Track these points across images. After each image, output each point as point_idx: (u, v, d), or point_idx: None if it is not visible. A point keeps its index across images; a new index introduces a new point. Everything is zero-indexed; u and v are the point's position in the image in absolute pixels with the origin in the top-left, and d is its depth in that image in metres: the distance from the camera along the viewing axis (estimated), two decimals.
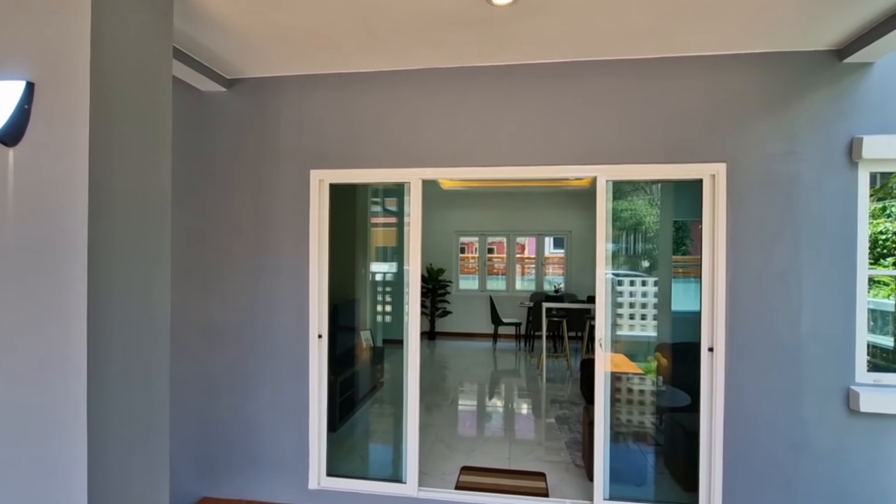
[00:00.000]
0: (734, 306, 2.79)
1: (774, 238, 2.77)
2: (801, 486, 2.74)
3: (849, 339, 2.72)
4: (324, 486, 3.15)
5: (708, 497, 2.82)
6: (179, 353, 3.22)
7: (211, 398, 3.24)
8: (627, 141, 2.88)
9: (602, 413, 2.97)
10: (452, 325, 9.26)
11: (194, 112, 3.25)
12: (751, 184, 2.78)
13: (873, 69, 2.68)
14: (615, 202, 3.08)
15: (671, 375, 3.64)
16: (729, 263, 2.79)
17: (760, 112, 2.78)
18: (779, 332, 2.76)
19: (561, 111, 2.94)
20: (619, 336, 3.57)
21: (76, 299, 1.62)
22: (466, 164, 3.03)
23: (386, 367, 5.02)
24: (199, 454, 3.25)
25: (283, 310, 3.18)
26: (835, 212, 2.73)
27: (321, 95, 3.15)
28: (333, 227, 3.26)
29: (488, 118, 3.00)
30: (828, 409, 2.73)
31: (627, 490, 3.08)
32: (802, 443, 2.74)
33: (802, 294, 2.74)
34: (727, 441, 2.79)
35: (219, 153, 3.24)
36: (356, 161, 3.12)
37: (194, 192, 3.25)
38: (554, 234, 9.47)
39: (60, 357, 1.63)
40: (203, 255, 3.25)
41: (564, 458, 3.80)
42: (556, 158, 2.95)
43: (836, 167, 2.73)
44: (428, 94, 3.05)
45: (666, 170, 2.86)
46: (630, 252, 3.84)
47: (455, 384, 6.18)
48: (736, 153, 2.79)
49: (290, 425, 3.16)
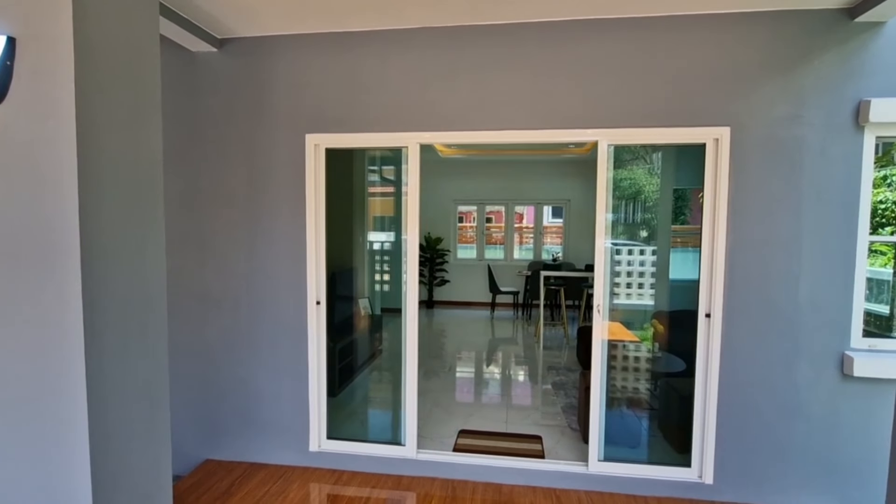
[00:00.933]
0: (733, 272, 2.79)
1: (776, 204, 2.74)
2: (793, 449, 2.79)
3: (846, 306, 2.73)
4: (324, 448, 3.21)
5: (700, 458, 2.89)
6: (177, 320, 3.23)
7: (211, 364, 3.26)
8: (630, 104, 2.82)
9: (598, 378, 3.00)
10: (450, 294, 9.30)
11: (184, 74, 3.16)
12: (754, 148, 2.73)
13: (885, 29, 2.60)
14: (615, 171, 3.04)
15: (667, 342, 3.67)
16: (729, 229, 2.77)
17: (767, 73, 2.70)
18: (776, 298, 2.76)
19: (561, 73, 2.86)
20: (616, 304, 3.58)
21: (70, 264, 1.60)
22: (465, 128, 2.96)
23: (384, 335, 5.07)
24: (201, 418, 3.29)
25: (281, 277, 3.16)
26: (838, 177, 2.69)
27: (315, 56, 3.05)
28: (330, 195, 3.21)
29: (487, 80, 2.92)
30: (822, 374, 2.76)
31: (621, 452, 3.14)
32: (796, 407, 2.78)
33: (802, 260, 2.73)
34: (721, 405, 2.84)
35: (211, 117, 3.16)
36: (352, 125, 3.05)
37: (187, 157, 3.19)
38: (553, 202, 9.42)
39: (57, 323, 1.62)
40: (198, 222, 3.21)
41: (560, 423, 3.87)
42: (557, 122, 2.89)
43: (842, 131, 2.67)
44: (425, 55, 2.96)
45: (669, 133, 2.81)
46: (629, 221, 3.82)
47: (453, 352, 6.24)
48: (741, 116, 2.73)
49: (290, 390, 3.19)
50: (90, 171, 1.63)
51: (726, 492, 2.85)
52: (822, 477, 2.78)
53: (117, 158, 1.76)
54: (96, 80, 1.66)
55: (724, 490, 2.85)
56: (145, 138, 1.90)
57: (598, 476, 2.97)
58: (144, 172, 1.89)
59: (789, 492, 2.80)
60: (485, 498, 2.87)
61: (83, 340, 1.60)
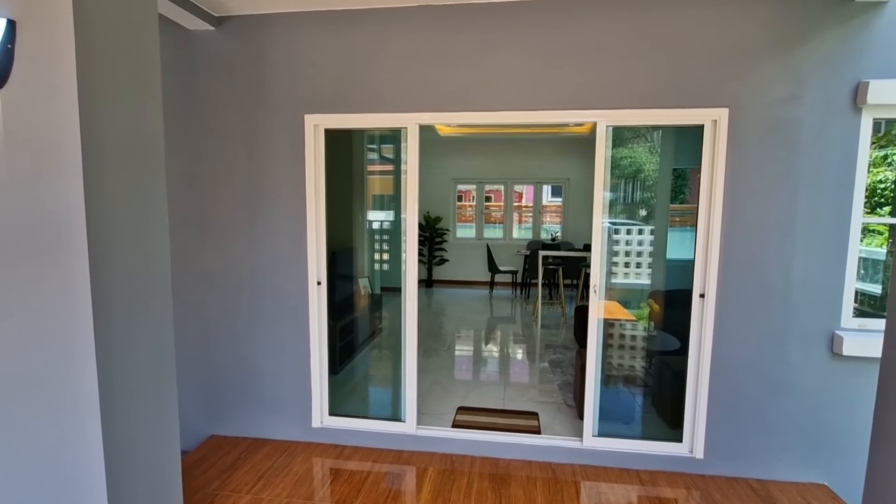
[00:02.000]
0: (728, 253, 2.83)
1: (773, 185, 2.76)
2: (782, 425, 2.88)
3: (837, 286, 2.78)
4: (326, 424, 3.30)
5: (692, 434, 2.97)
6: (180, 299, 3.27)
7: (213, 343, 3.32)
8: (629, 85, 2.81)
9: (594, 356, 3.07)
10: (449, 273, 9.37)
11: (182, 52, 3.14)
12: (752, 129, 2.74)
13: (887, 9, 2.58)
14: (615, 150, 3.05)
15: (663, 321, 3.73)
16: (726, 210, 2.80)
17: (767, 54, 2.70)
18: (770, 278, 2.81)
19: (560, 53, 2.85)
20: (613, 284, 3.63)
21: (77, 246, 1.63)
22: (464, 108, 2.96)
23: (385, 314, 5.13)
24: (207, 396, 3.37)
25: (282, 256, 3.20)
26: (835, 158, 2.71)
27: (314, 34, 3.03)
28: (330, 175, 3.22)
29: (486, 60, 2.91)
30: (812, 352, 2.82)
31: (615, 427, 3.23)
32: (785, 385, 2.86)
33: (796, 241, 2.77)
34: (713, 382, 2.91)
35: (209, 96, 3.15)
36: (351, 105, 3.05)
37: (187, 137, 3.19)
38: (552, 181, 9.41)
39: (65, 302, 1.66)
40: (199, 202, 3.23)
41: (557, 399, 3.96)
42: (557, 103, 2.89)
43: (840, 112, 2.68)
44: (424, 34, 2.94)
45: (668, 115, 2.81)
46: (628, 200, 3.84)
47: (452, 330, 6.33)
48: (740, 98, 2.74)
49: (293, 368, 3.26)
50: (94, 151, 1.65)
51: (716, 466, 2.94)
52: (808, 451, 2.87)
53: (120, 138, 1.78)
54: (97, 60, 1.67)
55: (714, 464, 2.95)
56: (147, 118, 1.91)
57: (592, 451, 3.06)
58: (147, 152, 1.91)
59: (777, 466, 2.90)
60: (482, 471, 2.97)
61: (91, 320, 1.65)
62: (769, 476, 2.91)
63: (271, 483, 2.82)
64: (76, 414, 1.69)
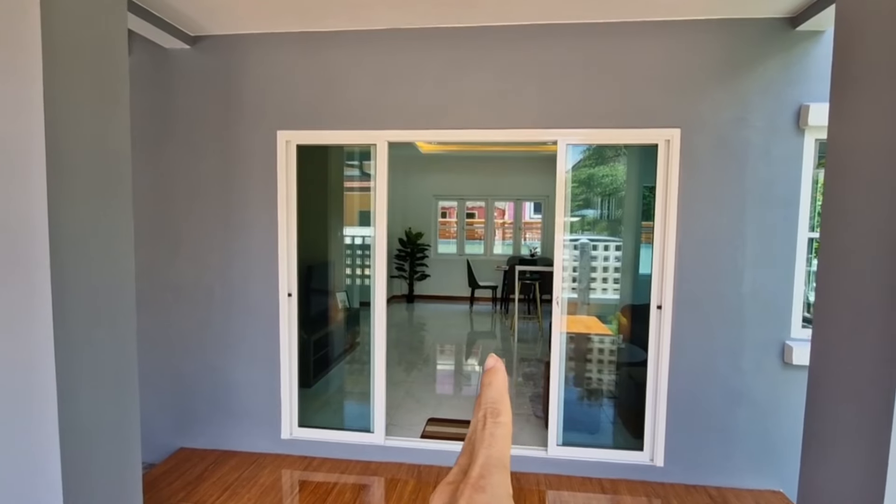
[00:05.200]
0: (682, 266, 2.95)
1: (723, 201, 2.90)
2: (738, 433, 2.97)
3: (787, 298, 2.91)
4: (296, 436, 3.32)
5: (652, 442, 3.05)
6: (151, 311, 3.31)
7: (185, 354, 3.34)
8: (587, 105, 2.96)
9: (557, 368, 3.15)
10: (431, 289, 9.43)
11: (158, 70, 3.22)
12: (703, 149, 2.89)
13: (824, 37, 2.76)
14: (596, 168, 3.19)
15: (631, 334, 3.83)
16: (679, 225, 2.93)
17: (715, 78, 2.86)
18: (723, 290, 2.93)
19: (522, 74, 2.98)
20: (589, 299, 3.74)
21: (39, 257, 1.68)
22: (431, 126, 3.08)
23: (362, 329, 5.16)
24: (175, 408, 3.38)
25: (254, 269, 3.25)
26: (781, 177, 2.86)
27: (287, 55, 3.14)
28: (307, 189, 3.30)
29: (451, 81, 3.04)
30: (764, 362, 2.94)
31: (581, 437, 3.30)
32: (740, 393, 2.96)
33: (746, 254, 2.90)
34: (671, 391, 3.00)
35: (185, 112, 3.23)
36: (323, 122, 3.15)
37: (161, 152, 3.26)
38: (532, 198, 9.57)
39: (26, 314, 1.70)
40: (172, 216, 3.29)
41: (527, 411, 4.02)
42: (519, 122, 3.02)
43: (784, 134, 2.84)
44: (393, 56, 3.06)
45: (623, 135, 2.96)
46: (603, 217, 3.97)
47: (430, 345, 6.37)
48: (690, 119, 2.89)
49: (263, 380, 3.29)
50: (59, 166, 1.72)
51: (676, 473, 3.02)
52: (763, 459, 2.96)
53: (85, 154, 1.84)
54: (64, 78, 1.74)
55: (673, 472, 3.02)
56: (114, 134, 1.98)
57: (556, 460, 3.12)
58: (112, 167, 1.98)
59: (734, 473, 2.98)
60: None
61: (52, 330, 1.69)
62: (726, 483, 2.99)
63: (237, 494, 2.84)
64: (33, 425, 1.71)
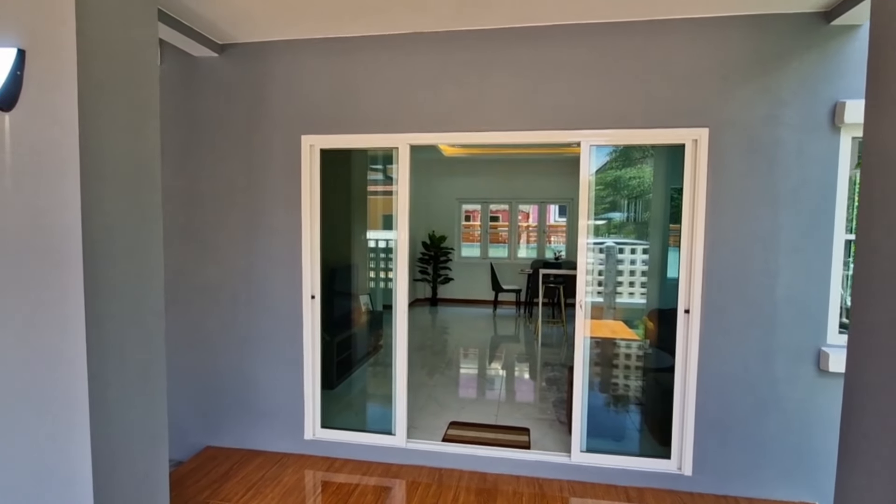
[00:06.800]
0: (711, 270, 2.87)
1: (754, 202, 2.81)
2: (770, 442, 2.87)
3: (822, 302, 2.79)
4: (318, 437, 3.35)
5: (679, 450, 2.97)
6: (178, 312, 3.39)
7: (211, 356, 3.41)
8: (611, 105, 2.91)
9: (581, 373, 3.10)
10: (454, 292, 9.42)
11: (188, 77, 3.32)
12: (733, 148, 2.81)
13: (860, 32, 2.65)
14: (622, 170, 3.13)
15: (658, 339, 3.74)
16: (708, 228, 2.85)
17: (746, 76, 2.78)
18: (754, 294, 2.84)
19: (545, 75, 2.96)
20: (615, 303, 3.68)
21: (73, 259, 1.74)
22: (453, 129, 3.08)
23: (385, 332, 5.19)
24: (202, 407, 3.45)
25: (278, 272, 3.31)
26: (815, 177, 2.76)
27: (311, 60, 3.19)
28: (331, 193, 3.35)
29: (472, 83, 3.03)
30: (798, 369, 2.83)
31: (605, 444, 3.24)
32: (773, 401, 2.85)
33: (780, 258, 2.80)
34: (700, 398, 2.92)
35: (212, 118, 3.31)
36: (345, 127, 3.18)
37: (189, 157, 3.35)
38: (556, 201, 9.48)
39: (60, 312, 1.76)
40: (199, 219, 3.37)
41: (550, 416, 3.97)
42: (541, 123, 2.99)
43: (819, 132, 2.74)
44: (414, 59, 3.08)
45: (649, 135, 2.90)
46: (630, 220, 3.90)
47: (453, 348, 6.36)
48: (719, 118, 2.81)
49: (286, 381, 3.33)
50: (92, 171, 1.78)
51: (704, 483, 2.93)
52: (797, 469, 2.85)
53: (117, 159, 1.91)
54: (98, 87, 1.81)
55: (702, 482, 2.93)
56: (144, 140, 2.04)
57: (579, 466, 3.06)
58: (143, 172, 2.04)
59: (766, 484, 2.88)
60: (469, 485, 2.99)
61: (84, 329, 1.75)
62: (759, 494, 2.89)
63: (261, 493, 2.88)
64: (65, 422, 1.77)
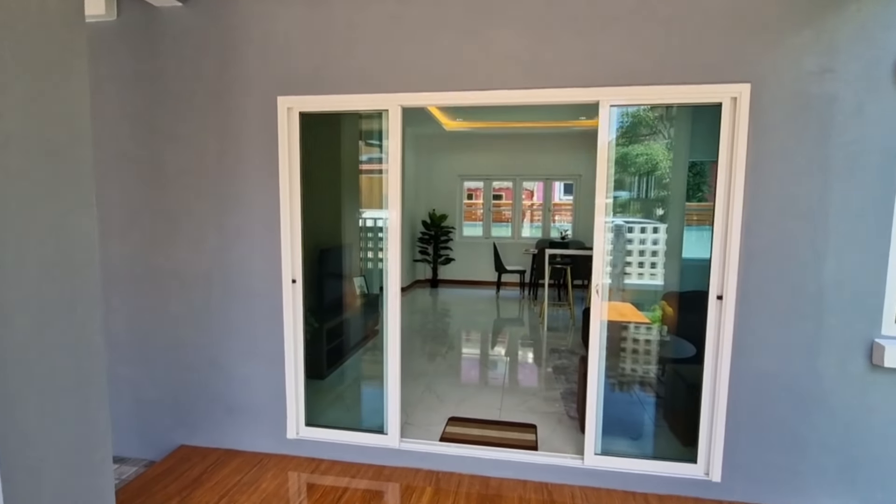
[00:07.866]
0: (749, 249, 2.48)
1: (801, 171, 2.41)
2: (811, 447, 2.52)
3: (878, 288, 2.41)
4: (302, 435, 3.02)
5: (708, 453, 2.63)
6: (147, 298, 3.04)
7: (182, 345, 3.07)
8: (635, 58, 2.49)
9: (597, 365, 2.74)
10: (455, 273, 9.07)
11: (147, 32, 2.89)
12: (778, 108, 2.40)
13: None
14: (629, 147, 2.76)
15: (677, 325, 3.39)
16: (747, 200, 2.46)
17: (795, 21, 2.35)
18: (798, 278, 2.46)
19: (558, 24, 2.53)
20: (624, 284, 3.32)
21: None
22: (451, 87, 2.67)
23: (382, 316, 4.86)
24: (175, 402, 3.12)
25: (255, 253, 2.94)
26: (875, 141, 2.34)
27: (288, 10, 2.76)
28: (317, 167, 2.96)
29: (474, 34, 2.61)
30: (847, 363, 2.46)
31: (621, 444, 2.91)
32: (817, 399, 2.50)
33: (829, 236, 2.41)
34: (732, 395, 2.56)
35: (176, 79, 2.90)
36: (328, 87, 2.77)
37: (151, 123, 2.95)
38: (562, 178, 9.05)
39: None
40: (166, 195, 2.98)
41: (558, 410, 3.63)
42: (553, 80, 2.57)
43: (882, 88, 2.32)
44: (406, 6, 2.65)
45: (680, 91, 2.48)
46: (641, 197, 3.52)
47: (454, 332, 6.03)
48: (763, 72, 2.39)
49: (266, 374, 2.99)
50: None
51: (736, 491, 2.60)
52: (842, 476, 2.51)
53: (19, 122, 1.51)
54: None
55: (733, 489, 2.60)
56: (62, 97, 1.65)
57: (594, 470, 2.73)
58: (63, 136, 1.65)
59: (806, 492, 2.54)
60: (470, 491, 2.66)
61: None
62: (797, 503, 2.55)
63: (235, 501, 2.56)
64: None
